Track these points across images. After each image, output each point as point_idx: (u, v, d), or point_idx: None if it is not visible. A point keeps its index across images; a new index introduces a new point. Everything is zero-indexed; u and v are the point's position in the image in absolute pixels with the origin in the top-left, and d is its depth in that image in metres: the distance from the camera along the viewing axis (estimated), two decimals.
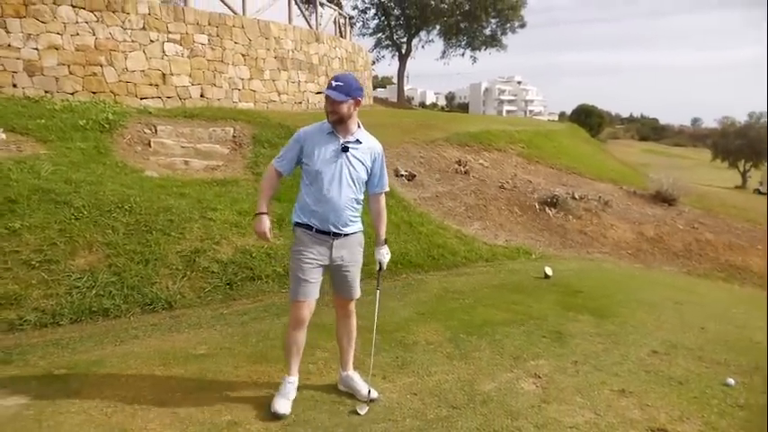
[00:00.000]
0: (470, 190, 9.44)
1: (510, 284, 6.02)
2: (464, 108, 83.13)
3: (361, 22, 31.85)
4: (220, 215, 6.19)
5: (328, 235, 3.05)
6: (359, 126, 3.09)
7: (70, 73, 9.37)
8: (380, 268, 3.27)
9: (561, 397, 3.43)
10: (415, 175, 9.12)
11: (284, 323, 4.79)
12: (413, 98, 33.97)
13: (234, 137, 8.93)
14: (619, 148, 42.20)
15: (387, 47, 33.07)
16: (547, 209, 9.44)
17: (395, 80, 40.67)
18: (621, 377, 3.75)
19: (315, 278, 3.08)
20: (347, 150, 3.01)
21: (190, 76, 10.71)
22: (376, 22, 32.19)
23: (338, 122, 2.99)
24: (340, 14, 16.98)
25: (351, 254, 3.14)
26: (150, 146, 8.23)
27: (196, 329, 4.48)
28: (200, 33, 10.84)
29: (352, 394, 3.31)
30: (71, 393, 3.33)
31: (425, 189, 9.02)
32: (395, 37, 32.19)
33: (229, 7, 11.70)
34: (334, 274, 3.17)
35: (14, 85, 8.93)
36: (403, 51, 31.83)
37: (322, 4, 16.75)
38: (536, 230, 8.88)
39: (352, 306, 3.30)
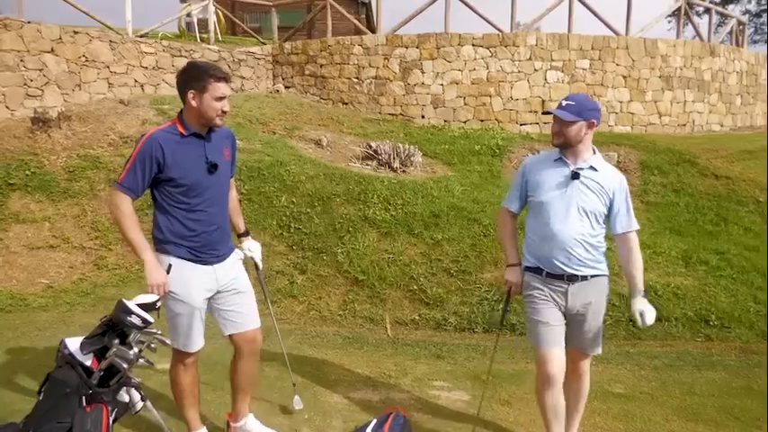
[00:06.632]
0: None
1: None
2: None
3: (752, 28, 26.89)
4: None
5: (561, 279, 2.60)
6: (594, 152, 2.68)
7: (465, 104, 10.59)
8: (643, 322, 2.61)
9: None
10: None
11: (707, 378, 4.17)
12: None
13: (618, 162, 8.48)
14: None
15: None
16: None
17: None
18: None
19: (557, 321, 2.62)
20: (578, 177, 2.58)
21: None
22: None
23: (564, 146, 2.62)
24: (738, 21, 14.50)
25: (590, 301, 2.65)
26: None
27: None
28: (582, 59, 10.79)
29: None
30: (501, 400, 3.55)
31: None
32: None
33: (611, 29, 11.30)
34: (570, 324, 2.69)
35: (423, 116, 10.61)
36: None
37: (716, 12, 14.67)
38: None
39: (587, 363, 2.81)
